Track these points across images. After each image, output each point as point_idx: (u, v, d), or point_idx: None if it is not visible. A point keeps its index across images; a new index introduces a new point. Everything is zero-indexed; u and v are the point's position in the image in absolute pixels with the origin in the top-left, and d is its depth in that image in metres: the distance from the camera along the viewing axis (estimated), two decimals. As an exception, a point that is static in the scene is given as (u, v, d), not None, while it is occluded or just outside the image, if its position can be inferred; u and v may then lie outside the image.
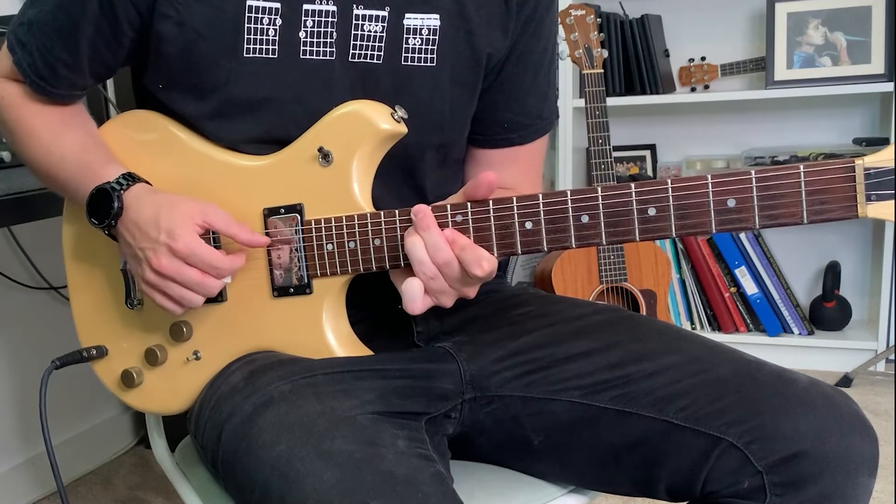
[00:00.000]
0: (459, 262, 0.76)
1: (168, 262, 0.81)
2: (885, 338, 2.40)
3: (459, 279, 0.77)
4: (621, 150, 2.81)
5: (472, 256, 0.75)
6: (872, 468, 0.78)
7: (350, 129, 0.83)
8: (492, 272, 0.76)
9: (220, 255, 0.83)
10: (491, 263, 0.76)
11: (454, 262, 0.76)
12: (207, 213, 0.83)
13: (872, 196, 0.67)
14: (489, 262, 0.76)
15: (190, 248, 0.81)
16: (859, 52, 2.41)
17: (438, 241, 0.76)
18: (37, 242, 1.84)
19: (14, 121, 0.94)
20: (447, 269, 0.77)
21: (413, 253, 0.77)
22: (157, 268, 0.82)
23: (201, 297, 0.84)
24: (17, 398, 1.85)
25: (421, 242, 0.77)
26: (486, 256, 0.76)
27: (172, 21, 0.84)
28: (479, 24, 0.91)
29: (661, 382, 0.83)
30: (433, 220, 0.77)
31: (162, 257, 0.81)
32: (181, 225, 0.81)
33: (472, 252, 0.76)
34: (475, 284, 0.79)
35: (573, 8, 2.07)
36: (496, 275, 0.80)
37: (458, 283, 0.78)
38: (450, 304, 0.79)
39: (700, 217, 0.71)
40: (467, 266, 0.76)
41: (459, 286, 0.78)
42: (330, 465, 0.69)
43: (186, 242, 0.81)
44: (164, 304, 0.84)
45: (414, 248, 0.77)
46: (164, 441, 1.03)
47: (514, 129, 1.00)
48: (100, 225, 0.86)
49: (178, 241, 0.81)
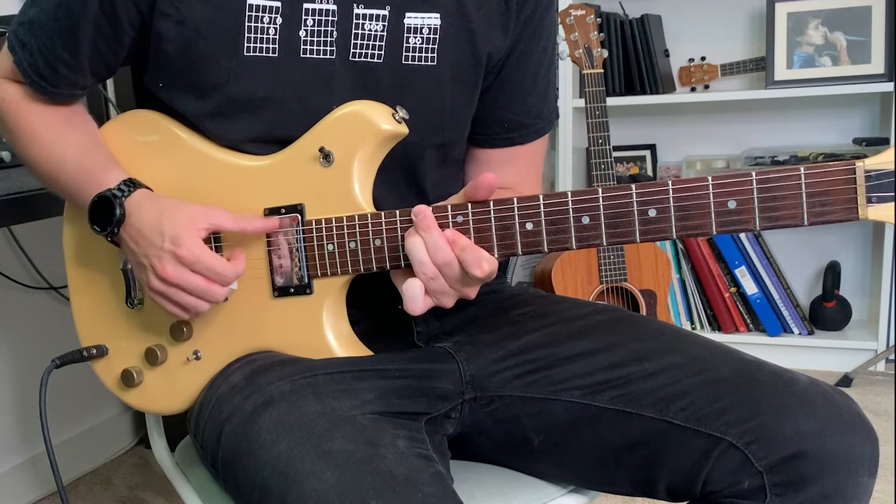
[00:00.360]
0: (460, 262, 0.76)
1: (173, 269, 0.81)
2: (885, 338, 2.40)
3: (460, 280, 0.77)
4: (621, 150, 2.81)
5: (473, 257, 0.76)
6: (872, 468, 0.78)
7: (351, 129, 0.83)
8: (492, 273, 0.77)
9: (224, 261, 0.83)
10: (491, 264, 0.76)
11: (454, 262, 0.76)
12: (212, 216, 0.83)
13: (873, 198, 0.67)
14: (489, 262, 0.76)
15: (195, 255, 0.81)
16: (859, 52, 2.41)
17: (439, 242, 0.76)
18: (37, 242, 1.84)
19: (15, 122, 0.94)
20: (447, 270, 0.77)
21: (413, 253, 0.77)
22: (162, 275, 0.82)
23: (207, 303, 0.84)
24: (17, 398, 1.85)
25: (421, 243, 0.77)
26: (487, 257, 0.76)
27: (172, 20, 0.84)
28: (480, 23, 0.91)
29: (661, 382, 0.83)
30: (433, 221, 0.77)
31: (167, 265, 0.81)
32: (185, 231, 0.81)
33: (473, 253, 0.76)
34: (475, 285, 0.80)
35: (573, 8, 2.07)
36: (496, 275, 0.80)
37: (458, 283, 0.78)
38: (450, 304, 0.79)
39: (701, 218, 0.71)
40: (467, 267, 0.76)
41: (460, 287, 0.78)
42: (330, 465, 0.69)
43: (191, 249, 0.81)
44: (171, 310, 0.85)
45: (414, 249, 0.77)
46: (164, 441, 1.03)
47: (515, 128, 1.00)
48: (102, 232, 0.86)
49: (182, 247, 0.81)
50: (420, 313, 0.79)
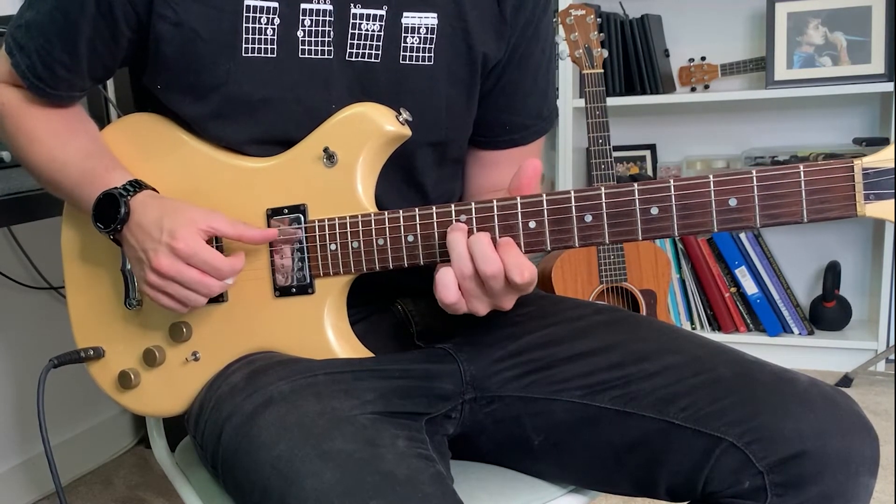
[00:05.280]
0: (504, 266, 0.75)
1: (169, 261, 0.81)
2: (885, 338, 2.40)
3: (502, 289, 0.76)
4: (621, 150, 2.81)
5: (514, 262, 0.74)
6: (873, 468, 0.78)
7: (355, 130, 0.84)
8: (533, 280, 0.75)
9: (220, 256, 0.83)
10: (532, 273, 0.74)
11: (498, 264, 0.74)
12: (212, 220, 0.83)
13: (871, 195, 0.67)
14: (530, 271, 0.74)
15: (191, 248, 0.81)
16: (859, 52, 2.41)
17: (486, 250, 0.75)
18: (37, 242, 1.84)
19: (15, 126, 0.94)
20: (485, 269, 0.75)
21: (454, 248, 0.76)
22: (157, 267, 0.82)
23: (203, 297, 0.84)
24: (16, 398, 1.85)
25: (464, 239, 0.76)
26: (528, 265, 0.74)
27: (170, 21, 0.84)
28: (474, 23, 0.91)
29: (661, 383, 0.83)
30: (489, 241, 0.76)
31: (163, 257, 0.81)
32: (184, 226, 0.81)
33: (515, 259, 0.75)
34: (512, 294, 0.78)
35: (573, 8, 2.07)
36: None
37: (497, 292, 0.76)
38: (483, 311, 0.78)
39: (702, 216, 0.71)
40: (509, 271, 0.74)
41: (498, 296, 0.77)
42: (330, 466, 0.69)
43: (187, 242, 0.81)
44: (167, 303, 0.84)
45: (456, 244, 0.76)
46: (164, 441, 1.03)
47: (517, 129, 1.00)
48: (105, 229, 0.86)
49: (179, 240, 0.81)
50: (452, 303, 0.77)
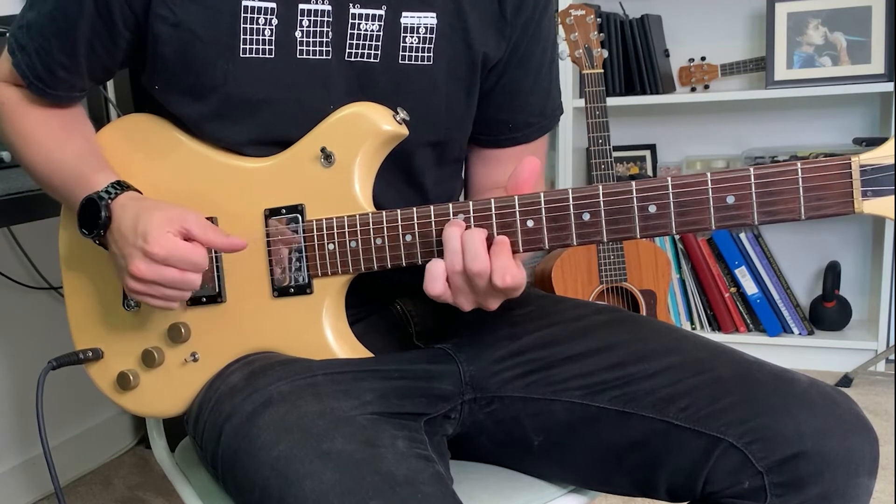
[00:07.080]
0: (490, 267, 0.75)
1: (145, 266, 0.81)
2: (885, 338, 2.40)
3: (485, 288, 0.76)
4: (621, 150, 2.81)
5: (500, 265, 0.74)
6: (873, 468, 0.78)
7: (353, 130, 0.83)
8: (515, 286, 0.75)
9: (196, 249, 0.82)
10: (515, 279, 0.75)
11: (485, 263, 0.75)
12: (186, 220, 0.82)
13: (868, 192, 0.67)
14: (513, 276, 0.74)
15: (165, 249, 0.80)
16: (859, 52, 2.41)
17: (477, 247, 0.75)
18: (37, 242, 1.84)
19: (13, 125, 0.94)
20: (474, 267, 0.75)
21: (449, 242, 0.76)
22: (135, 273, 0.81)
23: (187, 292, 0.84)
24: (16, 399, 1.85)
25: (459, 234, 0.76)
26: (512, 271, 0.74)
27: (168, 22, 0.84)
28: (474, 23, 0.91)
29: (661, 383, 0.83)
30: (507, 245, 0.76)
31: (139, 263, 0.81)
32: (156, 228, 0.80)
33: (502, 262, 0.75)
34: (497, 296, 0.78)
35: (573, 8, 2.07)
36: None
37: (482, 290, 0.77)
38: (467, 307, 0.79)
39: (700, 214, 0.71)
40: (493, 273, 0.74)
41: (482, 294, 0.77)
42: (329, 466, 0.69)
43: (161, 244, 0.80)
44: (154, 304, 0.84)
45: (451, 238, 0.76)
46: (164, 441, 1.03)
47: (519, 128, 1.00)
48: (89, 235, 0.85)
49: (152, 244, 0.80)
50: (437, 295, 0.77)
